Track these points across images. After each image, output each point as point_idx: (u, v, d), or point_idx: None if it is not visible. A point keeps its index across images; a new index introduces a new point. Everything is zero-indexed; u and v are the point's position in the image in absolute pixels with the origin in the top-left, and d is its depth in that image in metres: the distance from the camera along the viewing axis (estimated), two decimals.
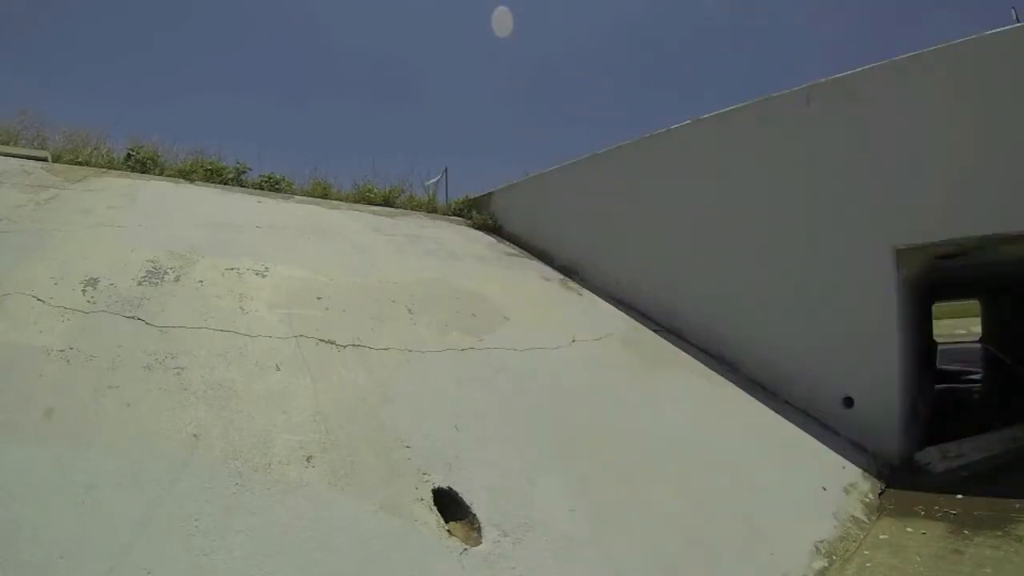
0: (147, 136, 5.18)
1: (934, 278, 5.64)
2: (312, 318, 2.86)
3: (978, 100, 3.26)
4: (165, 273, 2.91)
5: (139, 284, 2.77)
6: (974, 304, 12.43)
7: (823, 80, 3.90)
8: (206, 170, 5.04)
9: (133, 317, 2.50)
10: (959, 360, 8.89)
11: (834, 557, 2.28)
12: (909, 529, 2.57)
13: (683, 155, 4.57)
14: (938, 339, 10.82)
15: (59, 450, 1.77)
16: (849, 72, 3.78)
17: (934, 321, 11.46)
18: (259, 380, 2.30)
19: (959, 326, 13.74)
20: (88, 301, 2.54)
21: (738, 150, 4.21)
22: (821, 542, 2.35)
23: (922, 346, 5.99)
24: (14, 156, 4.50)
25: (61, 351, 2.20)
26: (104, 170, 4.60)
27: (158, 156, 5.08)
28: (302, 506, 1.82)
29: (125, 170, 4.81)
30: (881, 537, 2.50)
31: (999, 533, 2.47)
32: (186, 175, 4.90)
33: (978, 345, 11.34)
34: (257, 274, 3.15)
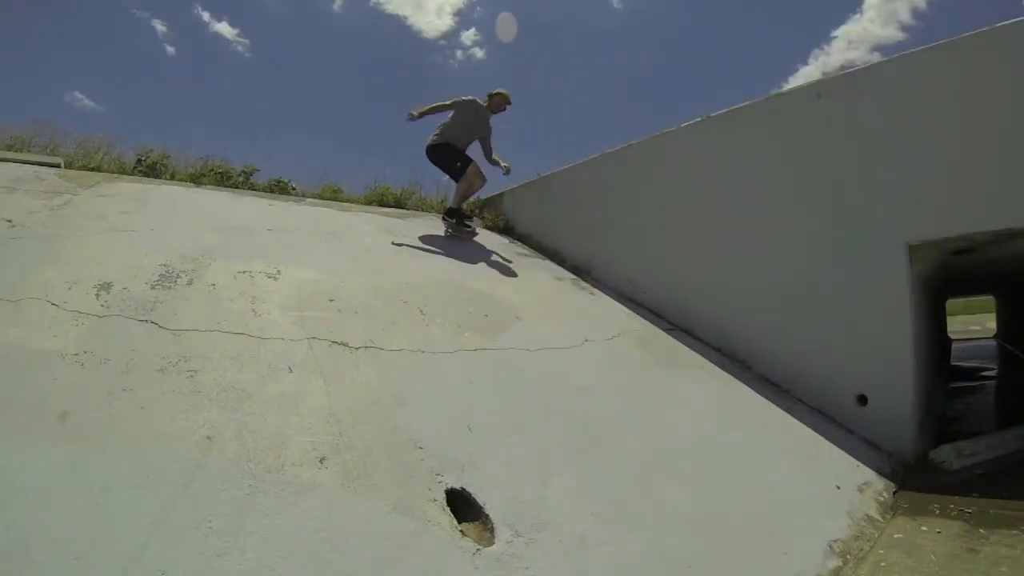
0: (155, 141, 5.28)
1: (948, 274, 5.57)
2: (324, 320, 2.87)
3: (990, 93, 3.20)
4: (178, 277, 2.94)
5: (152, 288, 2.79)
6: (989, 301, 12.27)
7: (833, 75, 3.87)
8: (216, 174, 5.08)
9: (146, 320, 2.52)
10: (974, 357, 8.78)
11: (848, 556, 2.26)
12: (924, 528, 2.53)
13: (693, 153, 4.55)
14: (953, 336, 10.68)
15: (74, 452, 1.78)
16: (859, 67, 3.74)
17: (949, 317, 11.34)
18: (272, 382, 2.31)
19: (974, 322, 13.57)
20: (102, 305, 2.56)
21: (748, 148, 4.19)
22: (835, 541, 2.32)
23: (937, 343, 5.92)
24: (28, 163, 4.56)
25: (75, 355, 2.21)
26: (116, 175, 4.65)
27: (167, 160, 5.13)
28: (315, 507, 1.82)
29: (136, 175, 4.86)
30: (896, 536, 2.47)
31: (1015, 532, 2.42)
32: (196, 179, 4.94)
33: (993, 342, 11.19)
34: (269, 277, 3.17)
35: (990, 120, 3.17)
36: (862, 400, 3.50)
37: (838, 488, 2.75)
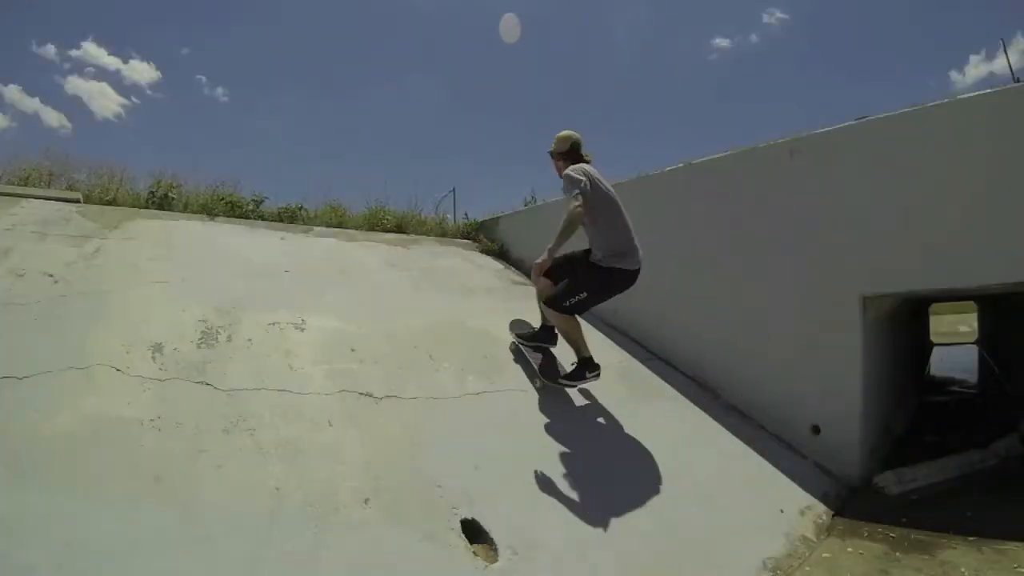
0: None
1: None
2: (350, 372, 3.60)
3: (940, 162, 3.87)
4: (217, 333, 3.63)
5: (198, 347, 3.47)
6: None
7: (806, 134, 4.54)
8: (226, 203, 5.73)
9: (202, 383, 3.20)
10: (954, 367, 9.55)
11: (778, 572, 3.04)
12: (850, 549, 3.30)
13: (673, 197, 5.30)
14: (941, 339, 11.57)
15: (174, 509, 2.45)
16: (830, 128, 4.42)
17: (938, 317, 12.22)
18: (317, 436, 3.05)
19: (962, 322, 14.43)
20: (159, 368, 3.22)
21: (725, 195, 4.92)
22: (769, 559, 3.11)
23: (905, 365, 6.72)
24: (50, 199, 5.17)
25: (152, 420, 2.86)
26: (134, 210, 5.29)
27: (180, 187, 5.77)
28: (367, 540, 2.58)
29: (150, 207, 5.50)
30: (824, 556, 3.24)
31: (926, 557, 3.15)
32: (208, 210, 5.59)
33: (975, 347, 12.05)
34: (296, 328, 3.88)
35: (940, 187, 3.86)
36: (816, 430, 4.30)
37: (781, 511, 3.54)
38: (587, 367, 3.97)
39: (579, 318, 4.08)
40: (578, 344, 3.98)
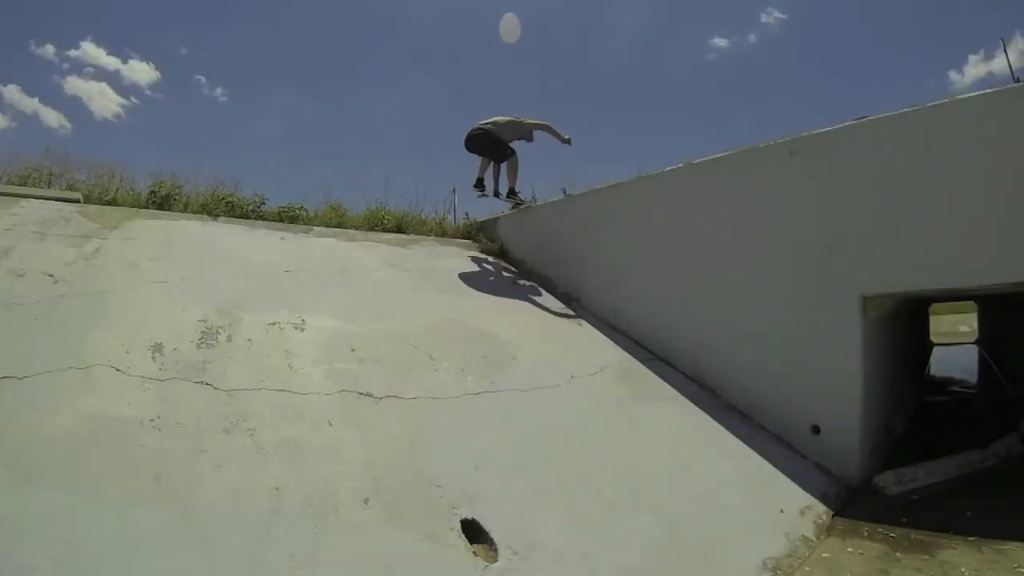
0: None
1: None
2: (350, 372, 3.60)
3: (939, 162, 3.87)
4: (217, 333, 3.62)
5: (198, 347, 3.47)
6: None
7: (806, 134, 4.54)
8: (226, 203, 5.73)
9: (202, 383, 3.20)
10: (954, 367, 9.56)
11: (778, 572, 3.04)
12: (850, 549, 3.30)
13: (673, 196, 5.30)
14: (941, 339, 11.55)
15: (174, 509, 2.45)
16: (830, 128, 4.41)
17: (938, 317, 12.23)
18: (317, 436, 3.04)
19: (962, 322, 14.41)
20: (159, 368, 3.21)
21: (724, 196, 4.92)
22: (769, 559, 3.10)
23: (905, 365, 6.72)
24: (50, 199, 5.16)
25: (151, 420, 2.85)
26: (134, 210, 5.28)
27: (180, 187, 5.77)
28: (367, 539, 2.58)
29: (150, 207, 5.49)
30: (824, 555, 3.24)
31: (926, 557, 3.15)
32: (209, 210, 5.59)
33: (975, 347, 12.06)
34: (296, 328, 3.87)
35: (940, 186, 3.86)
36: (815, 430, 4.29)
37: (781, 511, 3.54)
38: (478, 185, 6.78)
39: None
40: (481, 170, 6.75)
